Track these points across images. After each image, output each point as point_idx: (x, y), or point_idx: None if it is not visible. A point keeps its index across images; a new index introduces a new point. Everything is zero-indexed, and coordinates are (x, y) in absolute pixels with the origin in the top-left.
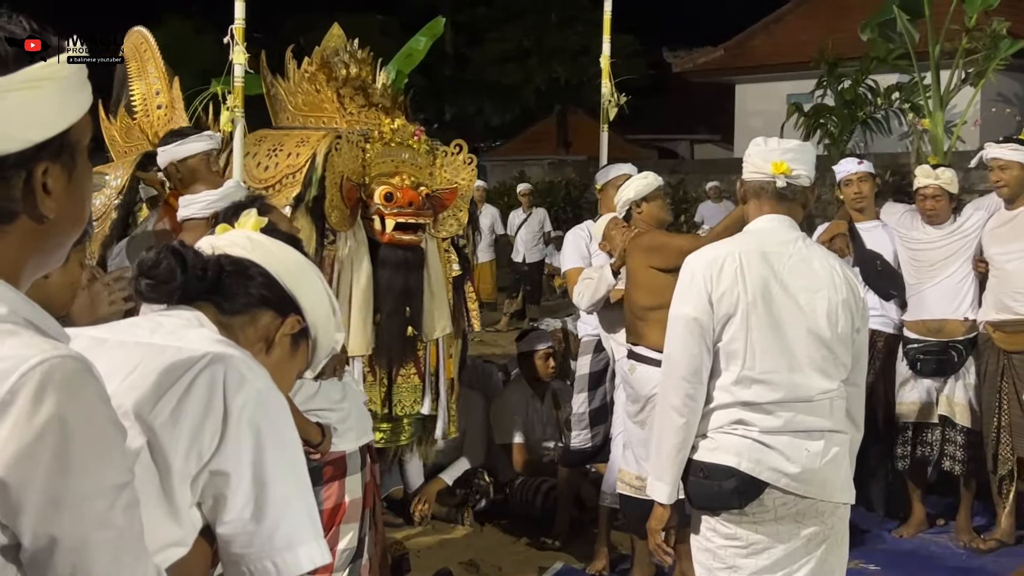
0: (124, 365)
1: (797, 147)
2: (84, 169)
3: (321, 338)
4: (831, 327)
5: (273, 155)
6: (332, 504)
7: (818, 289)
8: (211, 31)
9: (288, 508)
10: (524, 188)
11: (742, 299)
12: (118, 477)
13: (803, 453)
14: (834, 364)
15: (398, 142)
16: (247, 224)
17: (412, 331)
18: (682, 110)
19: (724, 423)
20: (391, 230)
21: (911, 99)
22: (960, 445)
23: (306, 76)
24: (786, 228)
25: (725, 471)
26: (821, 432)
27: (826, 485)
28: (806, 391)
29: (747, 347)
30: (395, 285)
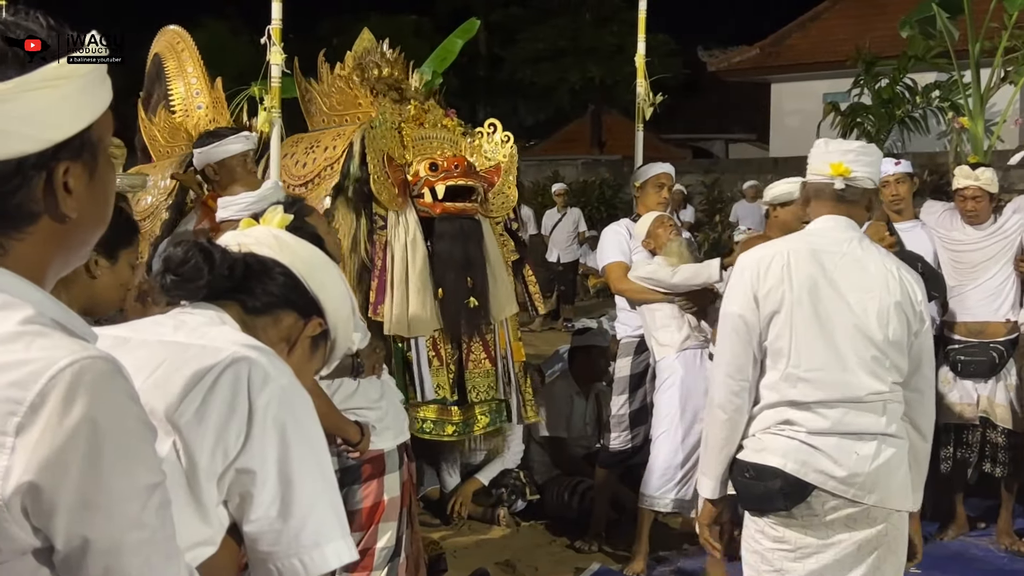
0: (148, 364)
1: (859, 148)
2: (106, 167)
3: (340, 339)
4: (881, 328)
5: (311, 151)
6: (371, 503)
7: (869, 289)
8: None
9: (314, 505)
10: (559, 188)
11: (787, 296)
12: (150, 477)
13: (852, 456)
14: (885, 366)
15: (432, 123)
16: (273, 221)
17: (474, 302)
18: (717, 109)
19: (772, 423)
20: (443, 197)
21: (950, 98)
22: (1001, 447)
23: (340, 77)
24: (842, 228)
25: (771, 472)
26: (872, 435)
27: (877, 490)
28: (855, 391)
29: (792, 345)
30: (455, 256)
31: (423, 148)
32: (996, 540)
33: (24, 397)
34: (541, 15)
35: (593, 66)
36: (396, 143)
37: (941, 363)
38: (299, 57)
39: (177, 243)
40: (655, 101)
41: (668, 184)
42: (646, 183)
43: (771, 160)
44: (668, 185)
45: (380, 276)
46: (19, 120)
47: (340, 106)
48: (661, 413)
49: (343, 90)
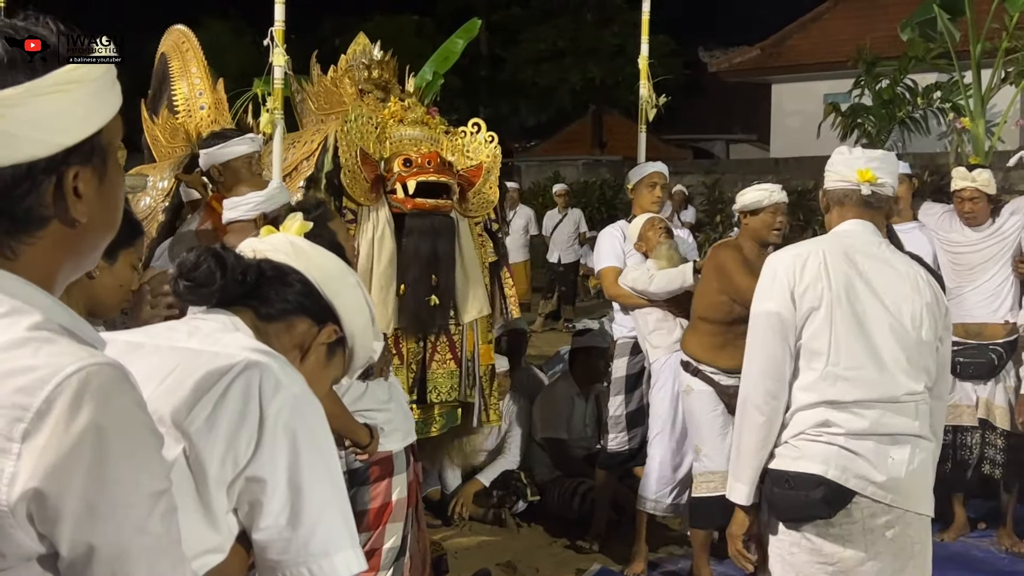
0: (160, 370)
1: (883, 156)
2: (115, 172)
3: (358, 348)
4: (915, 329)
5: (292, 147)
6: (379, 503)
7: (902, 291)
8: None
9: (324, 514)
10: (560, 188)
11: (826, 294)
12: (156, 484)
13: (888, 460)
14: (919, 367)
15: (412, 120)
16: (292, 228)
17: (435, 300)
18: (718, 110)
19: (808, 426)
20: (413, 192)
21: (951, 98)
22: (1000, 448)
23: (330, 80)
24: (870, 232)
25: (813, 480)
26: (907, 437)
27: (911, 495)
28: (892, 390)
29: (831, 343)
30: (421, 252)
31: (402, 146)
32: (997, 541)
33: (31, 403)
34: (542, 16)
35: (594, 67)
36: (372, 138)
37: None
38: (301, 57)
39: (191, 248)
40: (658, 103)
41: (661, 183)
42: (639, 183)
43: (772, 160)
44: (661, 184)
45: None
46: (29, 124)
47: (327, 105)
48: (655, 415)
49: (330, 91)
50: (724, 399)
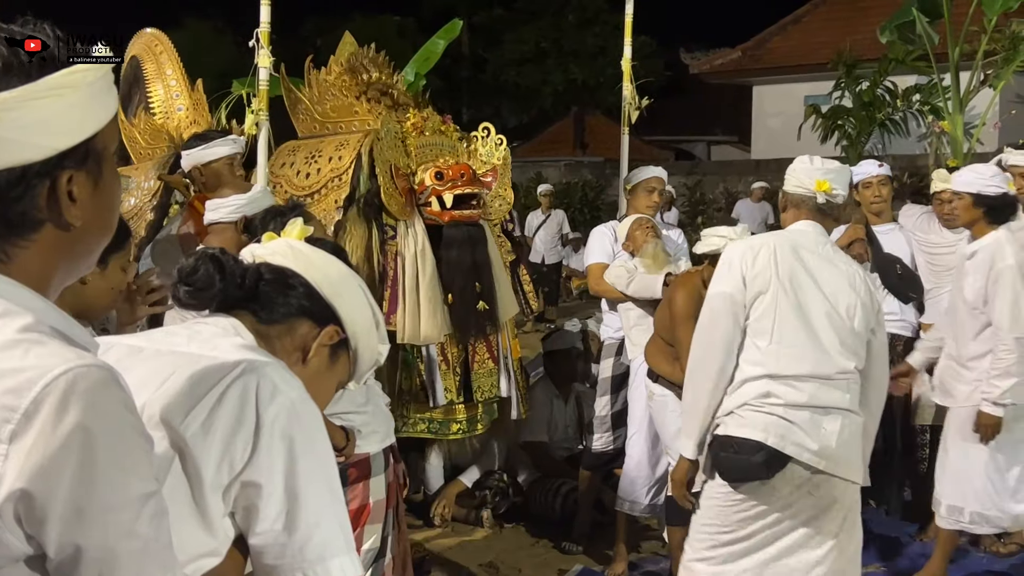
0: (158, 374)
1: (838, 169)
2: (111, 176)
3: (363, 350)
4: (849, 319)
5: (313, 162)
6: (357, 505)
7: (840, 285)
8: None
9: (320, 520)
10: (545, 189)
11: (773, 281)
12: (144, 487)
13: (821, 430)
14: (850, 350)
15: (431, 130)
16: (292, 233)
17: (484, 305)
18: (699, 111)
19: (752, 397)
20: (451, 205)
21: (930, 101)
22: None
23: (330, 83)
24: (818, 233)
25: (754, 446)
26: (839, 410)
27: (841, 461)
28: (827, 368)
29: (775, 323)
30: (464, 262)
31: (425, 155)
32: (974, 540)
33: (18, 404)
34: (524, 17)
35: (576, 68)
36: (401, 153)
37: None
38: (283, 57)
39: (189, 253)
40: (641, 105)
41: (659, 188)
42: (637, 186)
43: (753, 162)
44: (659, 189)
45: (392, 286)
46: (24, 128)
47: (334, 113)
48: (632, 415)
49: (336, 96)
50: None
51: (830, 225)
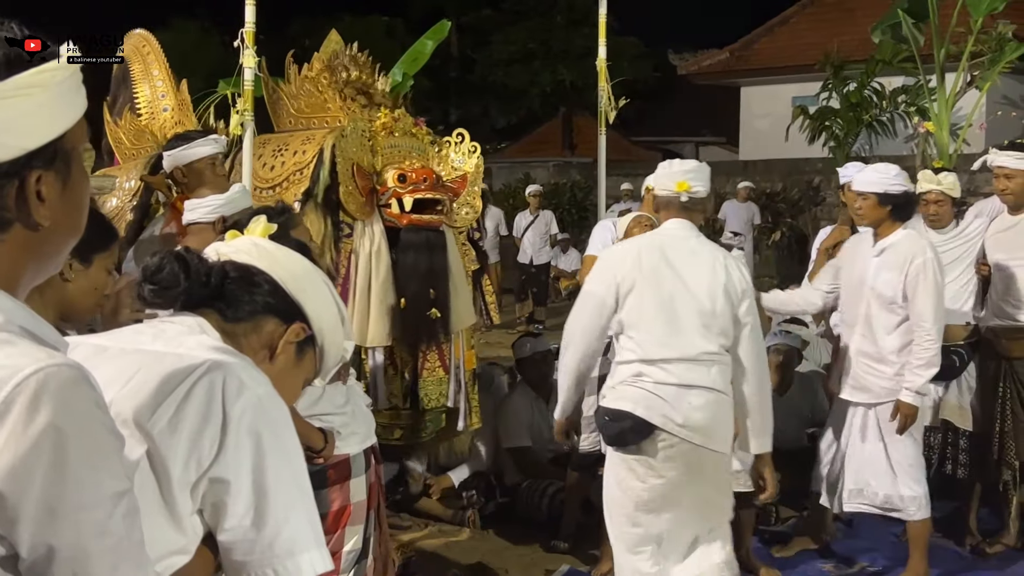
0: (124, 372)
1: (696, 167)
2: (79, 175)
3: (329, 346)
4: (711, 302)
5: (279, 154)
6: (337, 507)
7: (701, 273)
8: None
9: (289, 515)
10: (534, 190)
11: (638, 279)
12: (116, 485)
13: (685, 404)
14: (712, 332)
15: (402, 131)
16: (256, 230)
17: (436, 313)
18: (687, 112)
19: (627, 376)
20: (410, 209)
21: (916, 102)
22: (963, 449)
23: (308, 79)
24: (685, 229)
25: (624, 415)
26: (702, 387)
27: (704, 433)
28: (689, 351)
29: (642, 316)
30: (419, 267)
31: (392, 156)
32: (961, 541)
33: None
34: (513, 17)
35: (564, 68)
36: (366, 151)
37: None
38: (270, 57)
39: (154, 252)
40: (617, 105)
41: None
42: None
43: (741, 163)
44: None
45: (343, 284)
46: None
47: (308, 109)
48: None
49: (311, 92)
50: None
51: (698, 218)
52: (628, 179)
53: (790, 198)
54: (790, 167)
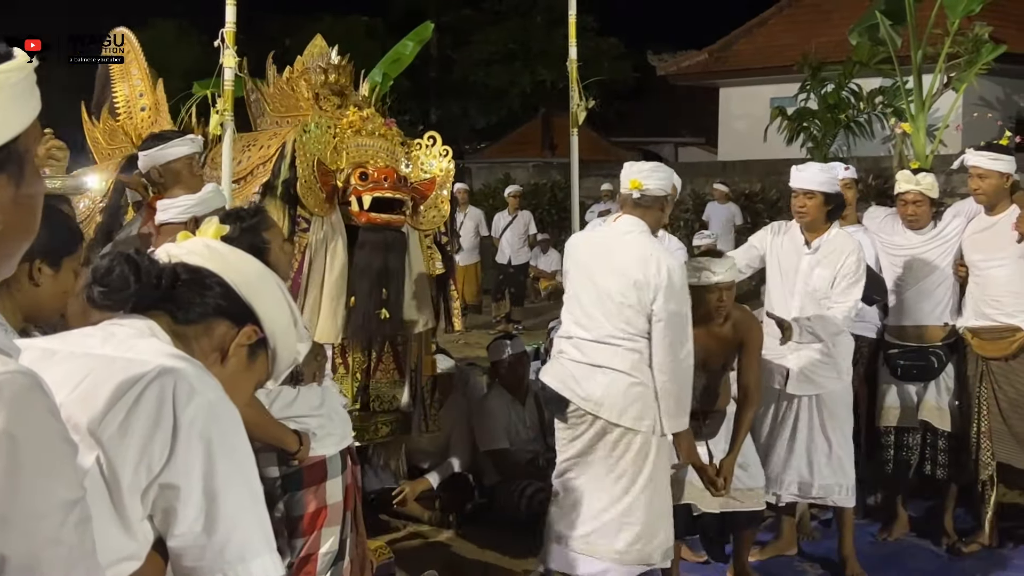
0: (73, 377)
1: (651, 168)
2: (33, 178)
3: (281, 349)
4: (623, 296)
5: (246, 150)
6: (314, 508)
7: (625, 267)
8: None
9: (239, 520)
10: (513, 190)
11: (573, 267)
12: (69, 493)
13: (592, 382)
14: (624, 320)
15: (370, 131)
16: (208, 232)
17: (385, 314)
18: (666, 113)
19: (556, 352)
20: (368, 207)
21: (893, 103)
22: (941, 449)
23: (286, 83)
24: (630, 225)
25: (547, 386)
26: (606, 368)
27: (609, 408)
28: (600, 333)
29: (569, 297)
30: (373, 265)
31: (358, 155)
32: (937, 540)
33: None
34: (492, 18)
35: (544, 69)
36: (329, 148)
37: (881, 367)
38: (249, 57)
39: (104, 254)
40: (589, 106)
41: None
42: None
43: (719, 164)
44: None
45: (295, 278)
46: None
47: (283, 108)
48: None
49: (287, 94)
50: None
51: (652, 215)
52: (608, 180)
53: (768, 199)
54: (768, 168)
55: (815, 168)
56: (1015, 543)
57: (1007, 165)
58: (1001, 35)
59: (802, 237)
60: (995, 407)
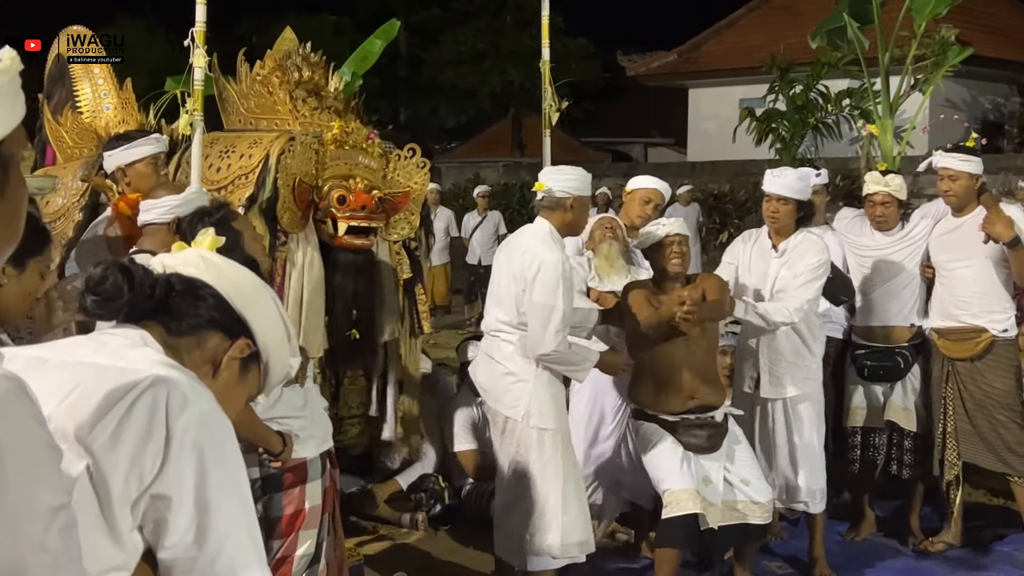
0: (63, 386)
1: (557, 170)
2: (17, 183)
3: (274, 363)
4: (505, 288)
5: (225, 156)
6: (292, 510)
7: (511, 261)
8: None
9: (231, 532)
10: (482, 190)
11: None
12: (54, 499)
13: (483, 372)
14: (505, 310)
15: (352, 145)
16: (203, 243)
17: (355, 334)
18: (636, 113)
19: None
20: (343, 233)
21: (861, 105)
22: (908, 450)
23: (259, 79)
24: (536, 227)
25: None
26: (490, 359)
27: (492, 397)
28: (489, 327)
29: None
30: (345, 289)
31: (338, 170)
32: (904, 539)
33: None
34: (462, 17)
35: (513, 69)
36: (311, 166)
37: (848, 367)
38: (217, 55)
39: (97, 263)
40: (561, 107)
41: (655, 201)
42: (635, 192)
43: (689, 164)
44: (655, 202)
45: (278, 291)
46: None
47: (258, 109)
48: (572, 416)
49: (261, 94)
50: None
51: (559, 216)
52: None
53: (737, 199)
54: (737, 168)
55: (793, 176)
56: (981, 542)
57: (976, 166)
58: (966, 38)
59: (770, 242)
60: (961, 407)
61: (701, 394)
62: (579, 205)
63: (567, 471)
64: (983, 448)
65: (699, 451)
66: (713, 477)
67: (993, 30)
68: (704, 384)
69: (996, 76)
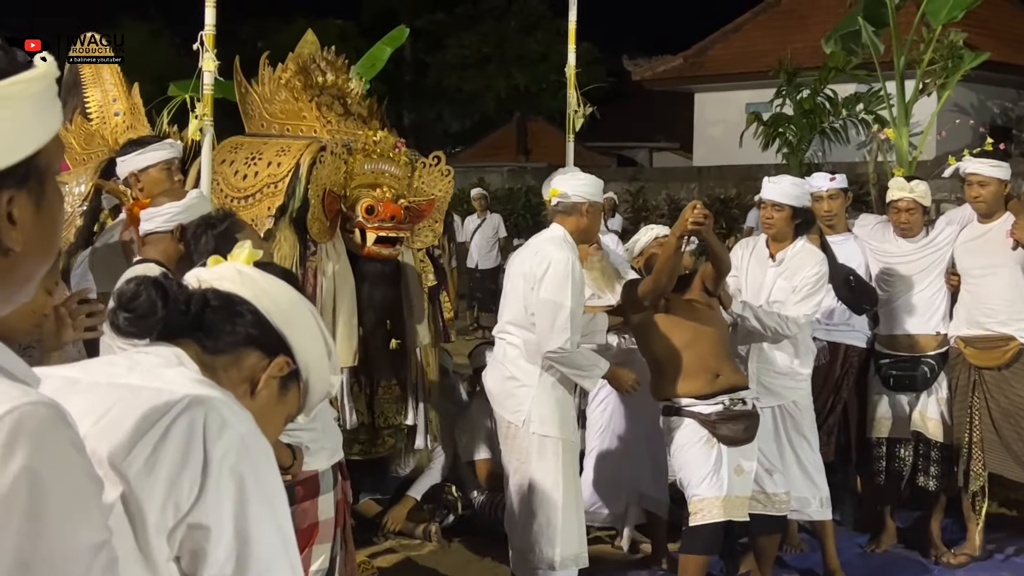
0: (96, 407)
1: (569, 175)
2: (54, 196)
3: (314, 381)
4: (516, 288)
5: (252, 163)
6: (306, 524)
7: (523, 263)
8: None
9: (272, 565)
10: (477, 193)
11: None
12: (95, 536)
13: (489, 376)
14: (511, 311)
15: (380, 154)
16: (240, 257)
17: (396, 343)
18: (642, 118)
19: None
20: (372, 244)
21: (873, 109)
22: (934, 460)
23: (282, 83)
24: (551, 231)
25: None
26: (497, 363)
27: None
28: (499, 329)
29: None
30: (375, 298)
31: (366, 179)
32: (925, 551)
33: None
34: (467, 22)
35: (518, 73)
36: (340, 175)
37: (872, 377)
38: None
39: (130, 279)
40: (586, 112)
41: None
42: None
43: (695, 169)
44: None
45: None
46: None
47: (283, 115)
48: (592, 427)
49: (287, 99)
50: (707, 427)
51: (573, 221)
52: None
53: (744, 204)
54: (743, 173)
55: (787, 182)
56: (1002, 554)
57: (1005, 172)
58: (975, 42)
59: (767, 250)
60: (987, 417)
61: (725, 371)
62: (593, 210)
63: (567, 482)
64: (1009, 459)
65: (735, 444)
66: (746, 467)
67: (1001, 34)
68: (725, 361)
69: (1004, 81)
